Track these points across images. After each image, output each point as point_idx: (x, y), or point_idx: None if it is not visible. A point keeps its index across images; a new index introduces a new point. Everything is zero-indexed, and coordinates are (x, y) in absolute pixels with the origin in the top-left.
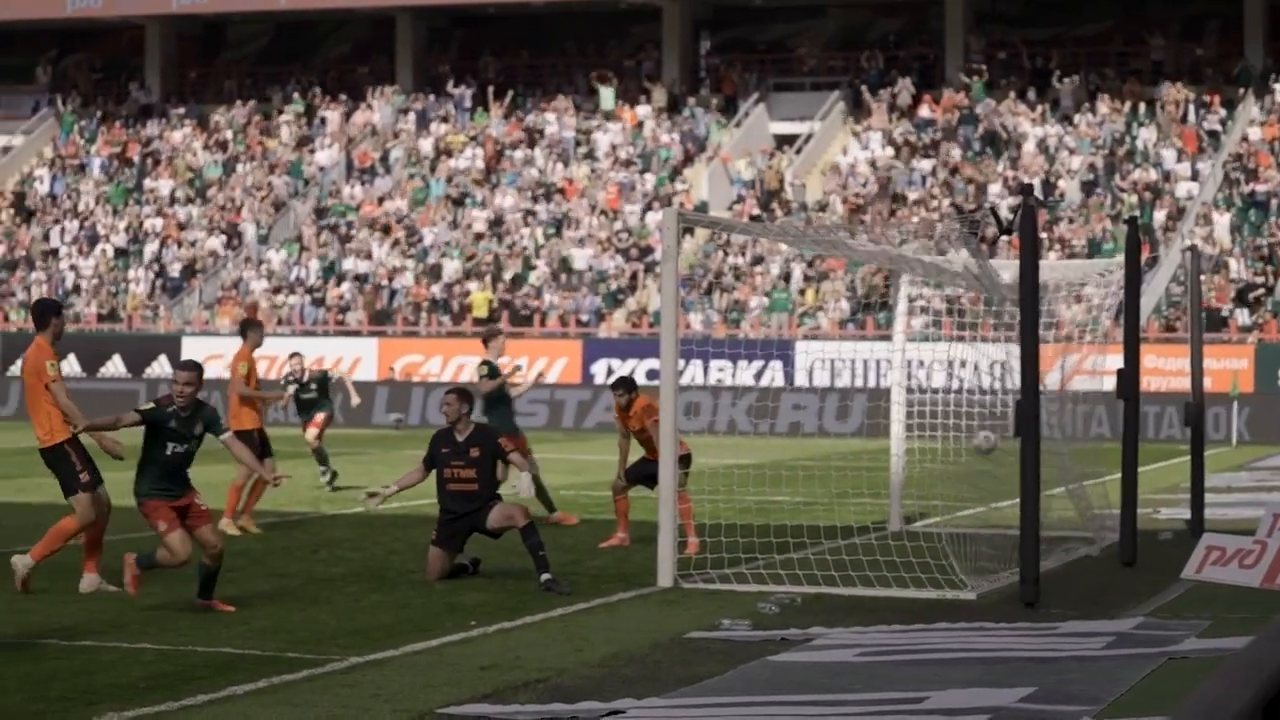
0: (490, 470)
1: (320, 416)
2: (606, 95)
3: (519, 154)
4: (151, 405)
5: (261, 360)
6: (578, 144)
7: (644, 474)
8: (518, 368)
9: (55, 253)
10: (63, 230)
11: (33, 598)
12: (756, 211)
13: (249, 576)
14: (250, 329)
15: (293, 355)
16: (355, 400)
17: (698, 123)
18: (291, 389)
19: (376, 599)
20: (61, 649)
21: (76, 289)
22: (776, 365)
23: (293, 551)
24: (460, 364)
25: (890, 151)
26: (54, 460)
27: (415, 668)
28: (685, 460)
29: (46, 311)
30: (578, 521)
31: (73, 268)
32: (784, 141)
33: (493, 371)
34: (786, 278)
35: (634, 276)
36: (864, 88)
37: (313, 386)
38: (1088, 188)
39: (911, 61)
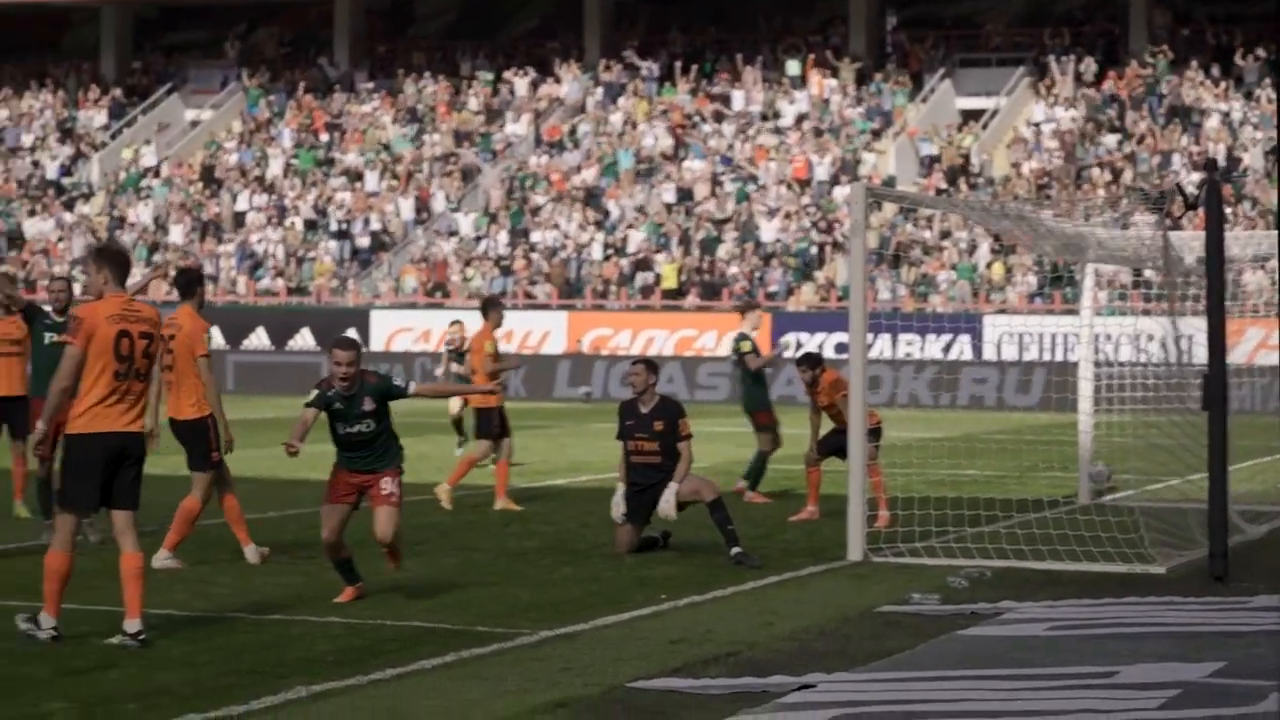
0: (673, 443)
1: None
2: (793, 66)
3: (706, 127)
4: (315, 393)
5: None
6: (764, 117)
7: (836, 446)
8: (786, 345)
9: (243, 225)
10: (251, 203)
11: (222, 573)
12: (943, 185)
13: (439, 550)
14: (491, 308)
15: (453, 323)
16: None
17: (884, 97)
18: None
19: (567, 572)
20: (251, 623)
21: (265, 261)
22: (965, 339)
23: (483, 525)
24: (649, 337)
25: (1075, 123)
26: (195, 432)
27: (605, 641)
28: (875, 433)
29: (193, 281)
30: (769, 500)
31: (261, 240)
32: (970, 116)
33: (754, 347)
34: (972, 249)
35: (822, 249)
36: (1051, 59)
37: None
38: (1271, 159)
39: (1096, 37)
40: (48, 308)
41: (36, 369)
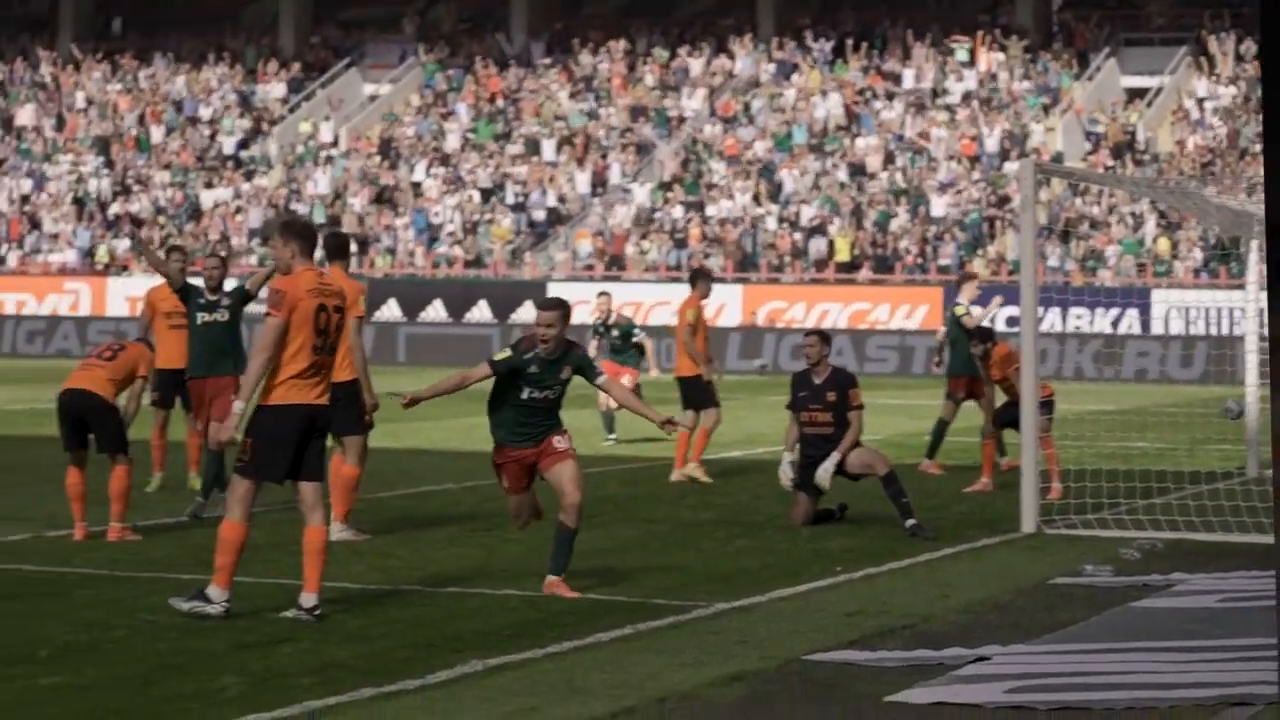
0: (845, 412)
1: (625, 375)
2: (961, 45)
3: (878, 103)
4: (508, 353)
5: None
6: (935, 94)
7: (1011, 418)
8: (999, 300)
9: (420, 196)
10: (428, 176)
11: (400, 546)
12: (1109, 162)
13: (616, 523)
14: (699, 279)
15: (600, 294)
16: (653, 371)
17: (1050, 76)
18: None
19: (742, 544)
20: (427, 596)
21: (441, 232)
22: (1133, 313)
23: (660, 497)
24: (823, 310)
25: (1237, 102)
26: (349, 394)
27: (781, 614)
28: (1048, 405)
29: (344, 243)
30: (942, 472)
31: (437, 212)
32: (1134, 94)
33: (969, 312)
34: (1138, 225)
35: (992, 223)
36: (1213, 39)
37: (615, 333)
38: None
39: (1255, 17)
40: (198, 283)
41: (190, 349)
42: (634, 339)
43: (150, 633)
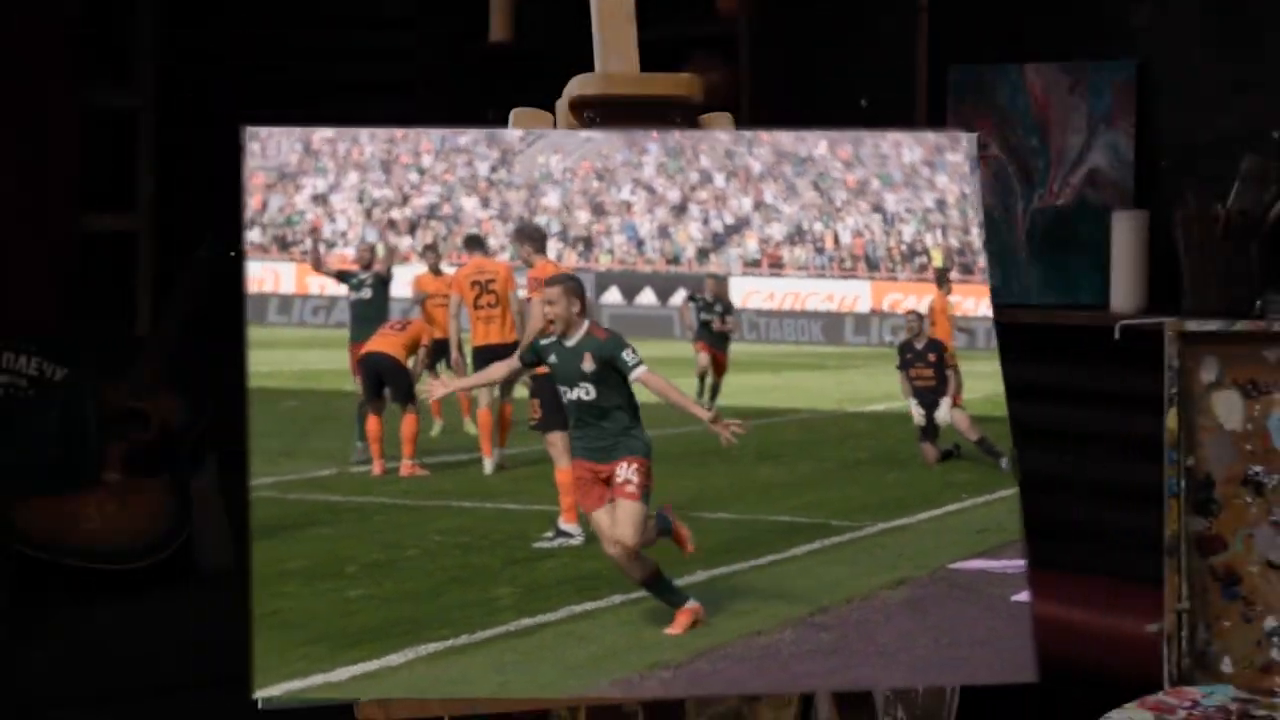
0: (943, 370)
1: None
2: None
3: (947, 153)
4: (528, 341)
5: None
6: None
7: None
8: None
9: (629, 210)
10: (632, 194)
11: None
12: None
13: (797, 461)
14: (944, 279)
15: (710, 277)
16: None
17: None
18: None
19: (892, 478)
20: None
21: (645, 239)
22: None
23: (827, 441)
24: (929, 300)
25: None
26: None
27: (927, 532)
28: None
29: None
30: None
31: (642, 221)
32: None
33: None
34: None
35: None
36: None
37: (717, 308)
38: None
39: None
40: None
41: (351, 320)
42: (731, 315)
43: (437, 551)
